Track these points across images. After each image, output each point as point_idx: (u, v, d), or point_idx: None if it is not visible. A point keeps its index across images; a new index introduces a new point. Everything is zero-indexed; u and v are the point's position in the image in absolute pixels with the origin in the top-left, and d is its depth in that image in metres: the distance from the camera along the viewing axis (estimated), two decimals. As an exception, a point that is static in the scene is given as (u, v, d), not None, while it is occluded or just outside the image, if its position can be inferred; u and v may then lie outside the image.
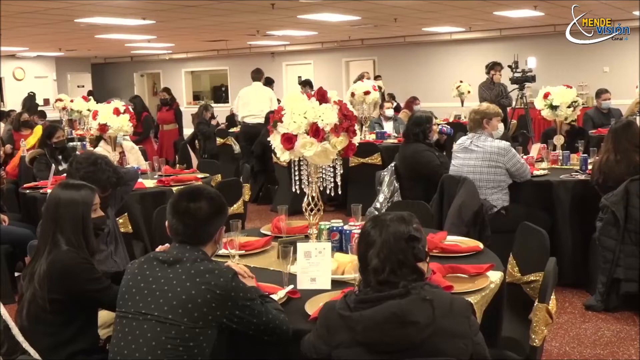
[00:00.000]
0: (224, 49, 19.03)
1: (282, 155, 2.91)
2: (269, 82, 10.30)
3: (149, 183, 5.47)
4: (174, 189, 5.18)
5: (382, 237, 2.05)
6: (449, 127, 5.84)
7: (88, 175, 3.60)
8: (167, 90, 10.69)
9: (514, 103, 9.70)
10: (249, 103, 9.59)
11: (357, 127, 2.95)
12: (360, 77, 10.88)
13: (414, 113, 6.24)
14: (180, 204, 2.38)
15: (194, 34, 14.94)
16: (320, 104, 2.85)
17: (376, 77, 11.13)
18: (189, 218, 2.36)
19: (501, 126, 5.22)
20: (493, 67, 9.60)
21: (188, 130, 13.70)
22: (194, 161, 9.68)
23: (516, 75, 9.23)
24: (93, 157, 3.77)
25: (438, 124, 5.81)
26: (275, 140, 2.93)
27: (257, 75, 9.98)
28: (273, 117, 2.95)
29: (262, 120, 9.15)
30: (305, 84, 11.05)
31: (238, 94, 10.03)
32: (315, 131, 2.80)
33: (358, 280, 2.13)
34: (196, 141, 10.51)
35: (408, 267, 2.04)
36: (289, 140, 2.84)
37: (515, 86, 9.28)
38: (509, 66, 9.41)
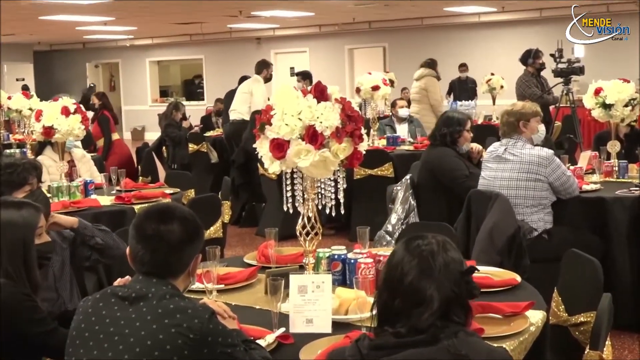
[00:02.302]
0: (199, 33, 19.10)
1: (271, 166, 2.91)
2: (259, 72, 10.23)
3: (105, 200, 5.47)
4: (136, 207, 5.18)
5: (436, 264, 2.08)
6: None
7: (11, 178, 3.68)
8: (97, 95, 10.50)
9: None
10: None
11: (363, 130, 2.96)
12: (433, 64, 10.77)
13: (446, 112, 6.34)
14: (148, 226, 2.38)
15: (161, 15, 14.98)
16: (319, 102, 2.86)
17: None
18: (159, 244, 2.36)
19: (542, 128, 5.24)
20: (535, 55, 9.62)
21: (153, 135, 13.72)
22: (161, 173, 9.68)
23: (560, 66, 9.26)
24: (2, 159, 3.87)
25: None
26: (262, 148, 2.94)
27: (259, 68, 10.06)
28: (260, 119, 2.96)
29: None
30: (304, 76, 11.06)
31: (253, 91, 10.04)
32: (312, 136, 2.81)
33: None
34: (163, 148, 10.52)
35: (462, 306, 2.08)
36: (279, 147, 2.85)
37: (560, 80, 9.31)
38: (552, 55, 9.44)
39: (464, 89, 14.75)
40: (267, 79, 10.07)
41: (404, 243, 2.16)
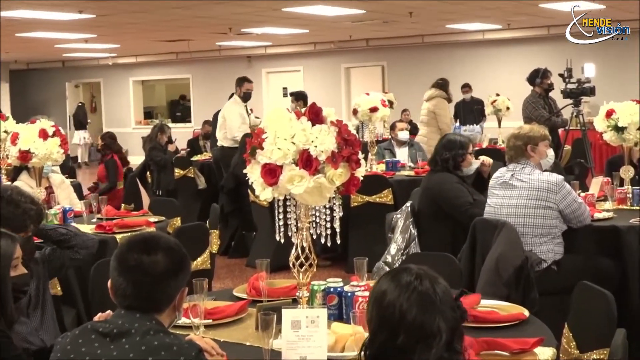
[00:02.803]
0: (186, 51, 19.16)
1: (263, 193, 2.92)
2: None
3: (85, 229, 5.45)
4: (118, 236, 5.19)
5: (437, 296, 2.16)
6: None
7: (11, 223, 3.61)
8: (102, 136, 10.11)
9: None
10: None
11: (361, 155, 2.97)
12: (445, 85, 10.68)
13: (446, 134, 6.38)
14: (130, 257, 2.38)
15: (146, 32, 15.04)
16: (313, 124, 2.87)
17: None
18: (142, 275, 2.36)
19: (551, 153, 5.26)
20: (543, 75, 9.68)
21: (136, 159, 13.69)
22: (145, 199, 9.67)
23: (570, 86, 9.30)
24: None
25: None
26: (253, 173, 2.95)
27: (235, 86, 10.00)
28: (251, 142, 2.97)
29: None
30: (298, 97, 11.08)
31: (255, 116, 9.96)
32: (306, 161, 2.82)
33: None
34: (147, 173, 10.51)
35: (460, 333, 2.16)
36: (271, 172, 2.85)
37: (569, 101, 9.35)
38: (560, 75, 9.49)
39: (468, 110, 14.69)
40: (245, 97, 9.74)
41: (390, 281, 2.21)
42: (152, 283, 2.37)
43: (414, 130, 11.82)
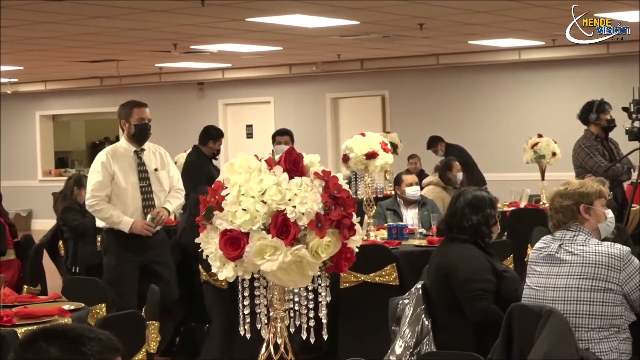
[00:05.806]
0: (114, 75, 19.20)
1: (222, 271, 2.93)
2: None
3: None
4: (20, 330, 5.16)
5: None
6: None
7: None
8: None
9: (634, 174, 9.81)
10: None
11: (356, 218, 2.99)
12: (447, 167, 10.90)
13: (466, 190, 6.26)
14: (35, 357, 2.38)
15: (59, 50, 15.07)
16: (291, 177, 2.90)
17: None
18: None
19: (610, 215, 5.28)
20: (600, 109, 9.74)
21: (44, 224, 13.61)
22: (56, 279, 9.62)
23: (638, 124, 9.37)
24: None
25: None
26: (208, 243, 2.96)
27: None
28: (205, 201, 2.99)
29: None
30: (289, 139, 11.05)
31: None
32: (281, 227, 2.84)
33: None
34: (60, 242, 10.46)
35: None
36: (234, 242, 2.86)
37: (637, 144, 9.41)
38: (625, 109, 9.56)
39: None
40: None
41: None
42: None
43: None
